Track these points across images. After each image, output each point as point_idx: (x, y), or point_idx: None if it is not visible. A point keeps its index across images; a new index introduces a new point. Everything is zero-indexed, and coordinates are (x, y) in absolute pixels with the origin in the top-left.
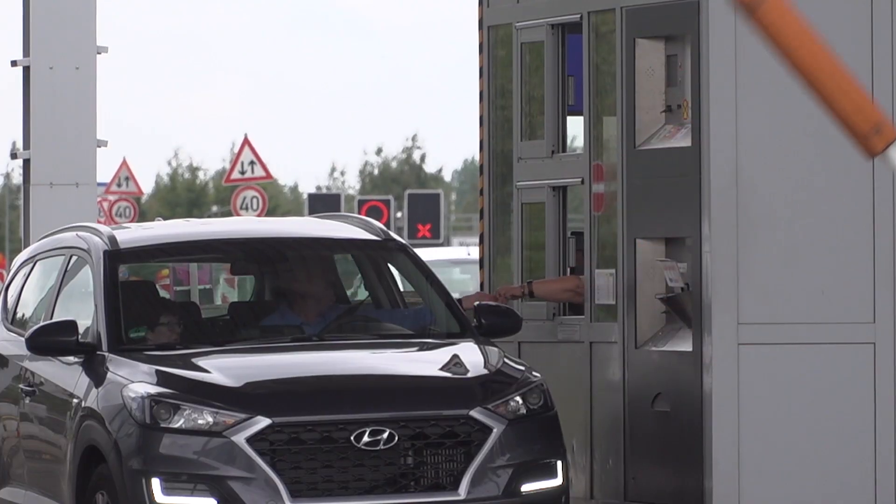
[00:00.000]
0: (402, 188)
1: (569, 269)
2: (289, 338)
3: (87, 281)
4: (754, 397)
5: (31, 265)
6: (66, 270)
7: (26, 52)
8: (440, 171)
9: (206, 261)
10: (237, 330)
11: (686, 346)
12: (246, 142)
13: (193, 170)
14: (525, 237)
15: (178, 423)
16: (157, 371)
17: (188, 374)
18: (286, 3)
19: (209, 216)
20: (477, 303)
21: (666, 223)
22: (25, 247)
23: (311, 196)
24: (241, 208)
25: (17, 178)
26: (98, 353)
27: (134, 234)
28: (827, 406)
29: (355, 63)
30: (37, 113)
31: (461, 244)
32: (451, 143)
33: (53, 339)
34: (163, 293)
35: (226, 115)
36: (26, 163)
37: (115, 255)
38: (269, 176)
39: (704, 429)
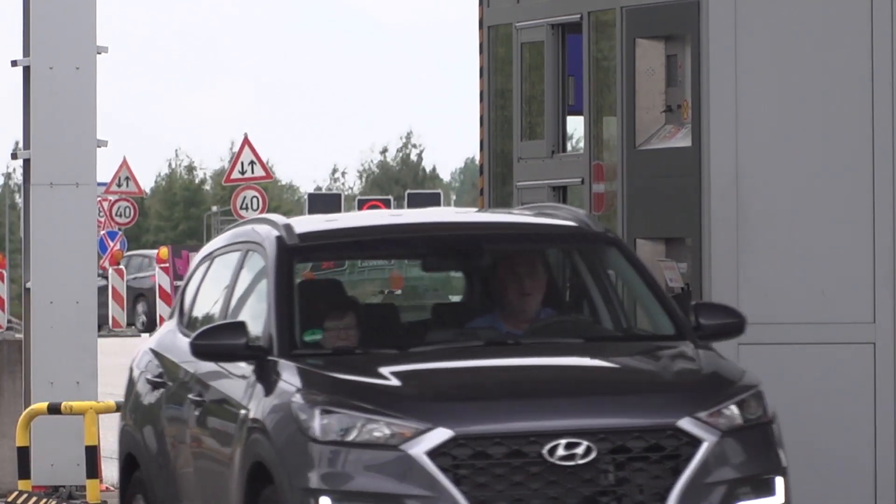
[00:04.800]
0: (402, 188)
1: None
2: (483, 341)
3: (263, 279)
4: None
5: (208, 262)
6: (241, 267)
7: (26, 52)
8: (434, 169)
9: (395, 257)
10: (425, 333)
11: None
12: (246, 142)
13: (192, 169)
14: None
15: (351, 436)
16: (329, 379)
17: (363, 382)
18: (286, 4)
19: (209, 216)
20: (695, 302)
21: (666, 223)
22: (25, 247)
23: (310, 196)
24: (241, 208)
25: (18, 178)
26: (269, 358)
27: (314, 226)
28: (827, 406)
29: (355, 63)
30: (37, 113)
31: None
32: (452, 143)
33: (219, 343)
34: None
35: (226, 115)
36: (26, 163)
37: (291, 250)
38: (269, 176)
39: None
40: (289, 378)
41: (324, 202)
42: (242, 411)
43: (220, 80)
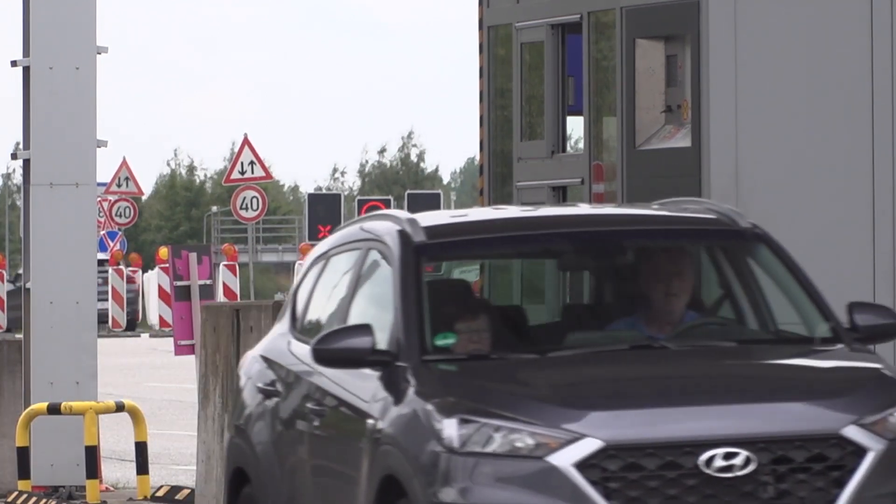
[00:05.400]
0: (402, 188)
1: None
2: (627, 344)
3: (387, 279)
4: None
5: (322, 262)
6: (362, 267)
7: (26, 52)
8: (436, 170)
9: (531, 255)
10: (562, 336)
11: None
12: (246, 142)
13: (193, 170)
14: None
15: (492, 446)
16: (466, 385)
17: (503, 388)
18: (286, 4)
19: (208, 216)
20: (850, 301)
21: None
22: (25, 247)
23: (310, 196)
24: (241, 208)
25: (18, 178)
26: (397, 364)
27: (442, 223)
28: None
29: (355, 63)
30: (37, 113)
31: None
32: (452, 143)
33: (343, 348)
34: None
35: (226, 116)
36: (26, 163)
37: (418, 248)
38: (268, 176)
39: None
40: (421, 385)
41: (324, 202)
42: (370, 421)
43: (220, 80)
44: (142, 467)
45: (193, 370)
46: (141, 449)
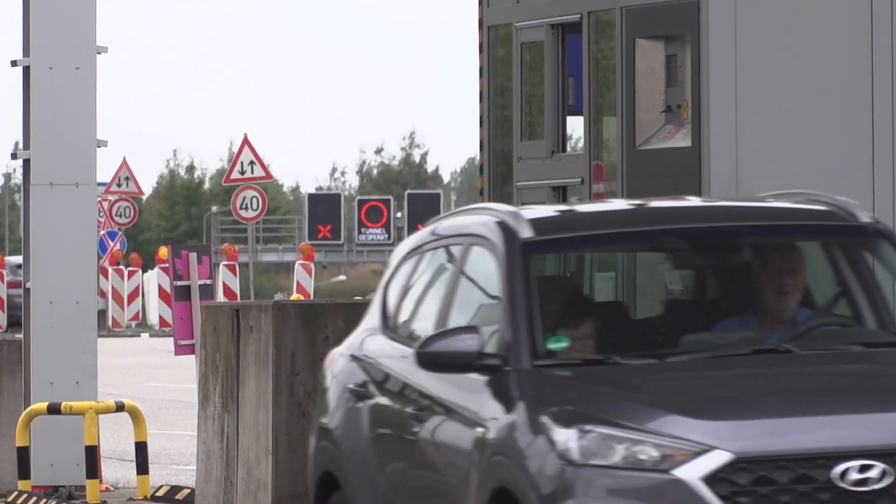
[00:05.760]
0: (402, 188)
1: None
2: (748, 349)
3: (491, 278)
4: None
5: (416, 258)
6: (462, 264)
7: (26, 52)
8: (437, 169)
9: (645, 250)
10: (679, 338)
11: None
12: (245, 142)
13: (193, 169)
14: None
15: (614, 458)
16: (584, 392)
17: (624, 396)
18: (286, 4)
19: (208, 216)
20: None
21: None
22: (25, 247)
23: (310, 196)
24: (240, 208)
25: (18, 178)
26: (507, 369)
27: (548, 217)
28: None
29: (355, 63)
30: (37, 113)
31: None
32: (453, 142)
33: (449, 351)
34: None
35: (225, 115)
36: (26, 163)
37: (526, 245)
38: (268, 176)
39: None
40: (535, 392)
41: (324, 202)
42: (478, 429)
43: (220, 80)
44: (142, 467)
45: (193, 370)
46: (141, 449)
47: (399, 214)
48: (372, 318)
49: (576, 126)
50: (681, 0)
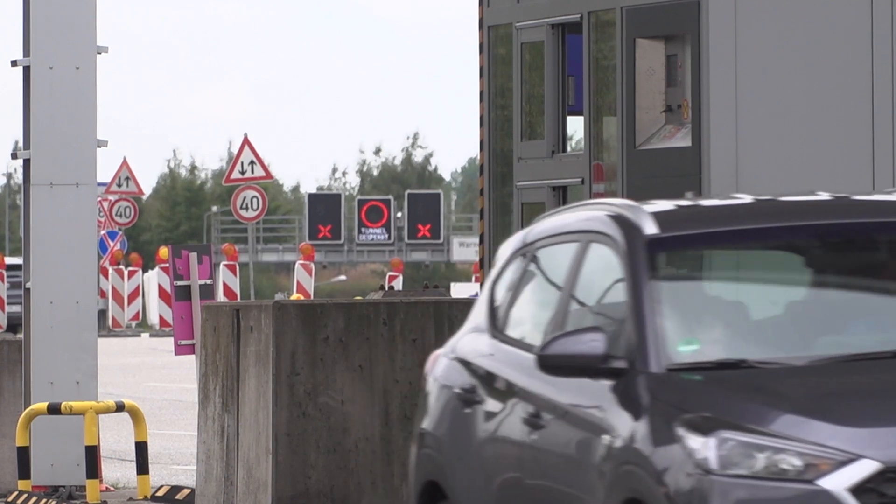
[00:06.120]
0: (403, 188)
1: None
2: (888, 350)
3: (614, 278)
4: None
5: (526, 256)
6: (581, 263)
7: (26, 52)
8: (435, 169)
9: (784, 248)
10: (813, 340)
11: None
12: (246, 142)
13: (194, 169)
14: None
15: (755, 468)
16: (720, 398)
17: (763, 401)
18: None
19: (209, 216)
20: None
21: None
22: (25, 247)
23: (311, 196)
24: (241, 208)
25: (19, 178)
26: (634, 373)
27: (673, 211)
28: None
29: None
30: (37, 113)
31: (461, 244)
32: (454, 142)
33: (572, 354)
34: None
35: (225, 115)
36: (26, 163)
37: (653, 242)
38: (268, 176)
39: None
40: (668, 398)
41: (324, 202)
42: (605, 437)
43: (220, 80)
44: (142, 467)
45: (193, 370)
46: (141, 449)
47: (399, 214)
48: (477, 318)
49: (576, 126)
50: (681, 0)
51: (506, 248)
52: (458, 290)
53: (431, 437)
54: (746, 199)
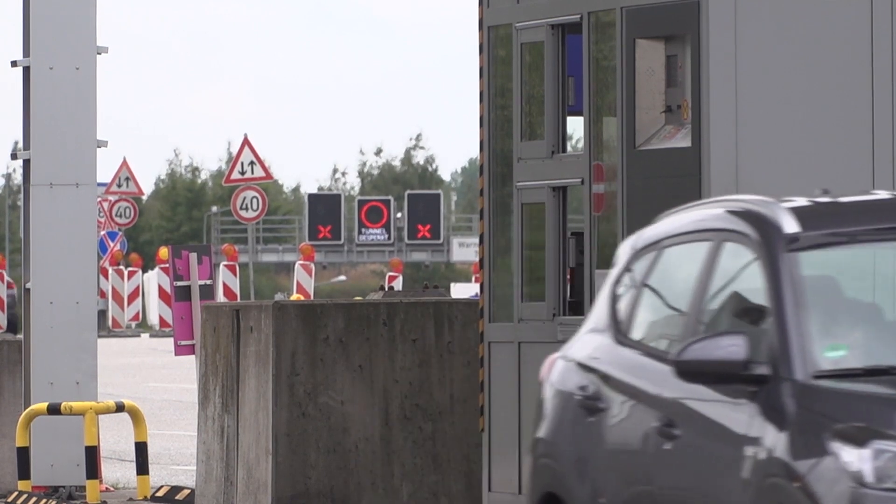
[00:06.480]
0: (403, 188)
1: (569, 270)
2: None
3: (752, 279)
4: None
5: (652, 255)
6: (714, 263)
7: (26, 52)
8: (435, 169)
9: None
10: None
11: None
12: (246, 142)
13: (195, 170)
14: (525, 237)
15: None
16: (872, 407)
17: None
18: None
19: (209, 216)
20: None
21: None
22: (25, 247)
23: (311, 196)
24: (241, 209)
25: (18, 178)
26: (778, 380)
27: (813, 207)
28: None
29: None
30: (37, 113)
31: (461, 245)
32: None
33: (712, 359)
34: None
35: (225, 115)
36: (26, 163)
37: (793, 240)
38: (268, 176)
39: None
40: (817, 406)
41: (324, 202)
42: (749, 449)
43: (220, 80)
44: (142, 467)
45: (193, 370)
46: (141, 449)
47: (399, 215)
48: (597, 321)
49: (576, 126)
50: (681, 0)
51: (625, 249)
52: (458, 291)
53: (550, 446)
54: (883, 194)
